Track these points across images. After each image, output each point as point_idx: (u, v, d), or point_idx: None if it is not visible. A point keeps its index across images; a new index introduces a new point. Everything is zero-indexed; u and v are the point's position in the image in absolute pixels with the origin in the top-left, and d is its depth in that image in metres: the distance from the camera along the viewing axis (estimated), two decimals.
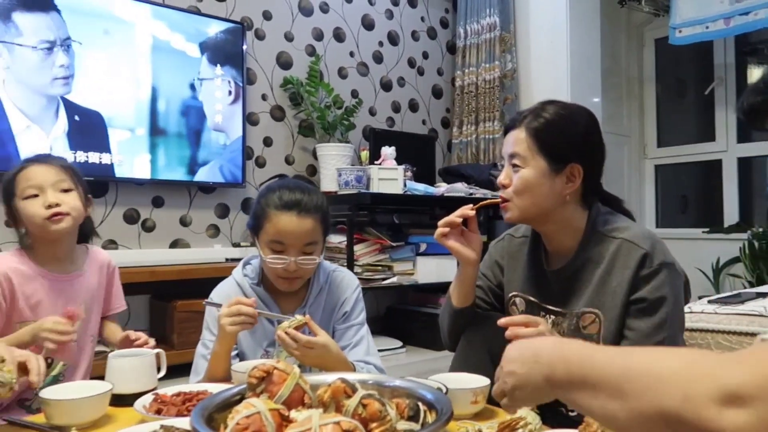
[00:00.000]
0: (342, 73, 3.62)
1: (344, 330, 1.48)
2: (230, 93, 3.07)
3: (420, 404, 0.85)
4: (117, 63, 2.73)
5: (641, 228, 1.29)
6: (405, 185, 3.24)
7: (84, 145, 2.63)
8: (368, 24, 3.75)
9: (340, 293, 1.51)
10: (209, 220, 3.11)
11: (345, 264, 2.90)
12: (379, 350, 1.57)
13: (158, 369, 1.31)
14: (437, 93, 4.10)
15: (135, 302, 2.72)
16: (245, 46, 3.13)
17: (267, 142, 3.31)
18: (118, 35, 2.74)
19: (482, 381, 1.14)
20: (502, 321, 1.16)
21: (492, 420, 1.07)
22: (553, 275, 1.33)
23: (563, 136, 1.26)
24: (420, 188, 3.27)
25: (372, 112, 3.74)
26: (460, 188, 3.37)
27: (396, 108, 3.87)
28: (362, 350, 1.45)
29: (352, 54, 3.67)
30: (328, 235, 1.48)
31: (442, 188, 3.35)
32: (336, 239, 3.07)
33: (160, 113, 2.85)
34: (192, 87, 2.95)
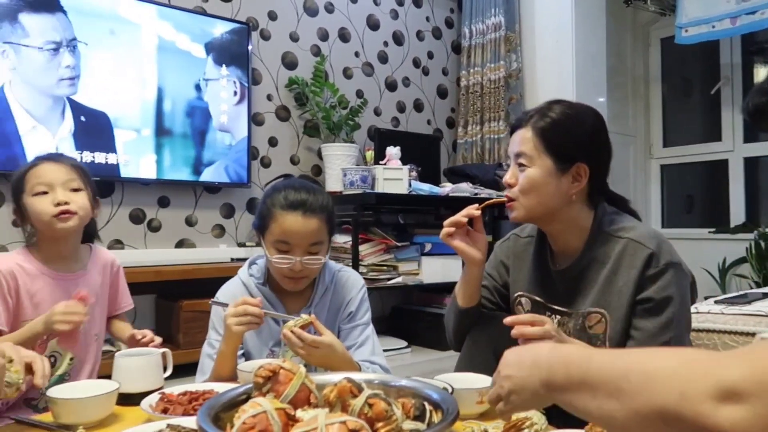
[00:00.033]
0: (347, 73, 3.62)
1: (349, 330, 1.48)
2: (235, 93, 3.07)
3: (426, 404, 0.85)
4: (123, 63, 2.74)
5: (647, 228, 1.29)
6: (410, 185, 3.23)
7: (90, 146, 2.65)
8: (373, 24, 3.75)
9: (346, 293, 1.51)
10: (215, 220, 3.12)
11: (350, 264, 2.90)
12: (384, 350, 1.57)
13: (164, 368, 1.31)
14: (442, 93, 4.09)
15: (141, 302, 2.72)
16: (250, 47, 3.14)
17: (272, 142, 3.32)
18: (124, 36, 2.75)
19: (488, 381, 1.13)
20: (508, 320, 1.16)
21: (498, 420, 1.06)
22: (559, 275, 1.33)
23: (570, 136, 1.26)
24: (425, 188, 3.27)
25: (377, 112, 3.74)
26: (465, 188, 3.36)
27: (401, 108, 3.87)
28: (367, 350, 1.45)
29: (357, 54, 3.68)
30: (334, 235, 1.48)
31: (447, 188, 3.35)
32: (341, 239, 3.08)
33: (166, 113, 2.86)
34: (197, 87, 2.95)
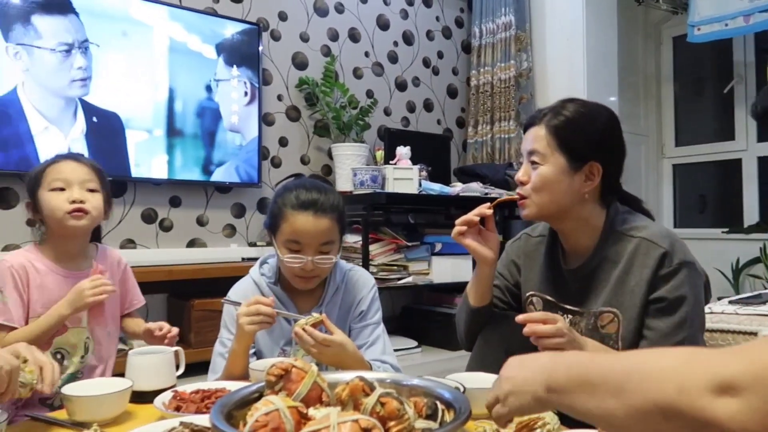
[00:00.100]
0: (357, 73, 3.63)
1: (360, 329, 1.48)
2: (246, 94, 3.08)
3: (438, 403, 0.85)
4: (134, 65, 2.76)
5: (660, 227, 1.28)
6: (420, 185, 3.23)
7: (102, 146, 2.67)
8: (383, 24, 3.75)
9: (356, 292, 1.51)
10: (226, 220, 3.13)
11: (360, 263, 2.90)
12: (395, 350, 1.57)
13: (177, 367, 1.32)
14: (452, 92, 4.09)
15: (153, 301, 2.74)
16: (261, 47, 3.15)
17: (282, 143, 3.32)
18: (136, 37, 2.76)
19: None
20: (520, 317, 1.15)
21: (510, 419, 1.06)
22: (571, 274, 1.32)
23: (583, 134, 1.25)
24: (435, 188, 3.26)
25: (387, 112, 3.74)
26: (476, 188, 3.36)
27: (411, 108, 3.86)
28: (378, 349, 1.45)
29: (367, 54, 3.68)
30: (345, 235, 1.48)
31: (457, 188, 3.34)
32: (351, 239, 3.08)
33: (177, 114, 2.87)
34: (208, 88, 2.97)
